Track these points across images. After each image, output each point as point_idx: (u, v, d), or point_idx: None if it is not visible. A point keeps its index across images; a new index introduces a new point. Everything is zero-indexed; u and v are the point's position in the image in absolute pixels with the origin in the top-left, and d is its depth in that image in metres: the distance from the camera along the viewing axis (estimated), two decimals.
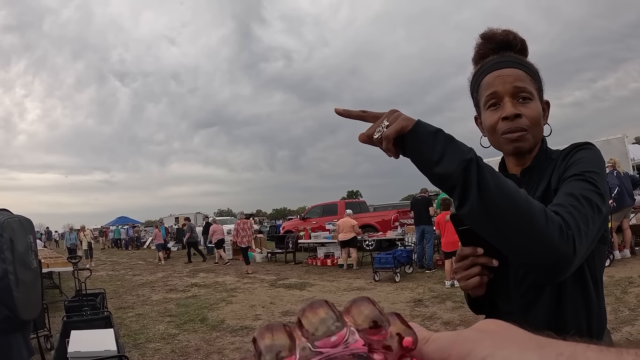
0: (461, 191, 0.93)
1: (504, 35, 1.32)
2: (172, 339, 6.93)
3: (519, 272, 1.20)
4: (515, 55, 1.30)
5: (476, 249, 1.15)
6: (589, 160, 1.15)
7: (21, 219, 3.09)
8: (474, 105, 1.39)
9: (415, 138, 0.96)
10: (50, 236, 48.15)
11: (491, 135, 1.30)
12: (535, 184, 1.26)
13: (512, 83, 1.22)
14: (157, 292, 11.86)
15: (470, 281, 1.17)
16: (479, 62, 1.36)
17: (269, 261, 18.01)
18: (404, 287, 9.89)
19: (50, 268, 10.99)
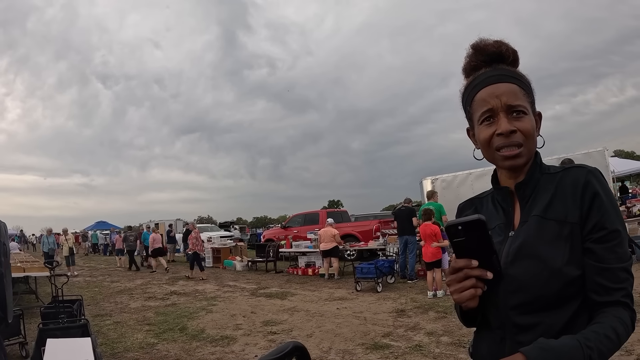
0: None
1: (496, 46, 1.31)
2: (151, 349, 6.80)
3: (510, 286, 1.20)
4: (508, 69, 1.30)
5: (470, 262, 1.14)
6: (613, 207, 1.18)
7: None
8: (467, 118, 1.39)
9: None
10: (25, 239, 47.57)
11: (485, 149, 1.30)
12: (530, 198, 1.27)
13: (506, 99, 1.23)
14: (135, 300, 11.69)
15: (463, 294, 1.16)
16: (470, 73, 1.36)
17: (250, 270, 17.86)
18: (386, 297, 9.86)
19: (27, 273, 10.77)
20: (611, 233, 1.14)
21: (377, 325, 7.41)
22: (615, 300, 1.12)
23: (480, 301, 1.22)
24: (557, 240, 1.18)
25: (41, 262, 12.66)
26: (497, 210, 1.37)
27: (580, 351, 0.99)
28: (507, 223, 1.31)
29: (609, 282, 1.13)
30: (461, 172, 16.25)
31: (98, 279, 16.99)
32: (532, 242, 1.21)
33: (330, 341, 6.59)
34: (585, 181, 1.19)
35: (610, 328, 1.06)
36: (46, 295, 11.44)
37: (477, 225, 1.12)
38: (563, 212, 1.19)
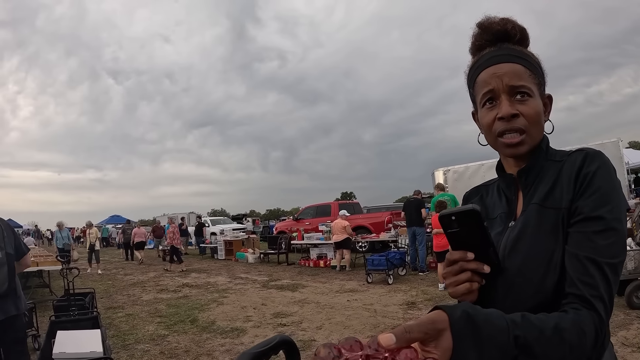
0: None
1: (501, 24, 1.22)
2: (162, 340, 6.85)
3: (507, 280, 1.13)
4: (513, 47, 1.21)
5: (466, 254, 1.07)
6: (607, 191, 1.05)
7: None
8: (471, 101, 1.31)
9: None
10: (40, 234, 48.09)
11: (487, 134, 1.22)
12: (532, 186, 1.19)
13: (508, 80, 1.15)
14: (148, 292, 11.79)
15: (458, 288, 1.08)
16: (475, 53, 1.28)
17: (262, 262, 17.94)
18: (396, 290, 9.85)
19: (40, 267, 10.90)
20: (592, 219, 1.03)
21: (387, 317, 7.41)
22: (580, 294, 0.98)
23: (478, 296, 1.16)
24: (554, 231, 1.08)
25: (54, 256, 12.79)
26: (501, 198, 1.30)
27: (504, 335, 0.84)
28: (510, 212, 1.24)
29: (575, 273, 1.01)
30: (473, 163, 16.15)
31: (112, 272, 17.13)
32: (529, 232, 1.13)
33: (340, 333, 6.59)
34: (581, 163, 1.10)
35: (554, 327, 0.91)
36: (60, 289, 11.54)
37: (471, 216, 1.04)
38: (559, 200, 1.10)
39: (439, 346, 0.78)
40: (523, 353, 0.85)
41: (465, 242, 1.07)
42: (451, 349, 0.79)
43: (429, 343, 0.79)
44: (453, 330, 0.80)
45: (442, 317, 0.81)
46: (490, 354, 0.82)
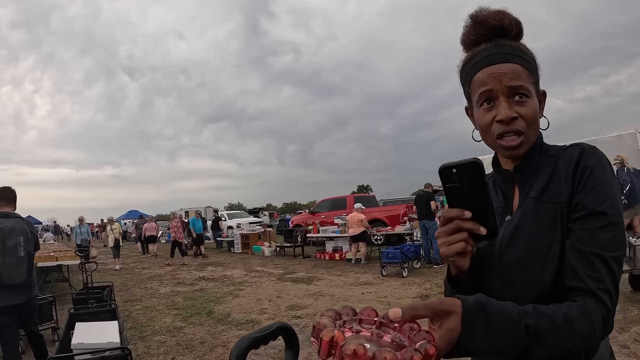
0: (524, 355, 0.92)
1: (497, 19, 1.19)
2: (178, 332, 6.97)
3: (505, 273, 1.16)
4: (510, 45, 1.18)
5: (463, 212, 1.02)
6: (606, 187, 1.07)
7: (14, 226, 4.76)
8: (465, 97, 1.29)
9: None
10: (59, 230, 48.64)
11: (485, 134, 1.21)
12: (529, 181, 1.20)
13: (508, 82, 1.13)
14: (165, 286, 11.94)
15: (452, 247, 1.04)
16: (469, 47, 1.25)
17: (278, 255, 18.07)
18: (411, 282, 9.88)
19: (60, 261, 11.07)
20: (594, 214, 1.04)
21: None
22: (588, 288, 1.00)
23: (474, 285, 1.19)
24: (552, 224, 1.09)
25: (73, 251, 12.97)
26: (497, 193, 1.30)
27: (515, 324, 0.88)
28: (506, 207, 1.25)
29: (582, 268, 1.02)
30: (487, 155, 16.05)
31: (129, 266, 17.32)
32: (526, 226, 1.14)
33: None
34: (578, 158, 1.11)
35: (565, 316, 0.94)
36: (79, 282, 11.72)
37: (473, 170, 0.99)
38: (557, 193, 1.11)
39: (443, 326, 0.83)
40: (535, 340, 0.89)
41: (463, 199, 1.01)
42: (456, 330, 0.83)
43: (436, 322, 0.84)
44: (465, 315, 0.84)
45: (454, 302, 0.85)
46: (502, 341, 0.87)
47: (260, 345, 0.99)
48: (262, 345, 1.01)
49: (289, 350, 1.10)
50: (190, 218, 21.95)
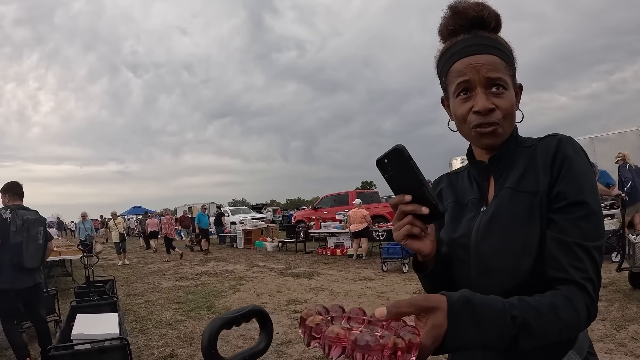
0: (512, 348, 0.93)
1: (477, 10, 1.18)
2: (178, 325, 7.06)
3: (481, 264, 1.16)
4: (488, 36, 1.18)
5: (403, 197, 1.04)
6: (584, 176, 1.09)
7: (36, 216, 5.35)
8: (442, 88, 1.29)
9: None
10: (62, 226, 48.84)
11: (460, 125, 1.20)
12: (504, 171, 1.20)
13: (485, 73, 1.13)
14: (167, 280, 12.05)
15: (400, 231, 1.06)
16: (447, 38, 1.24)
17: (280, 251, 18.17)
18: (411, 278, 9.92)
19: (63, 256, 11.20)
20: (576, 204, 1.06)
21: None
22: (571, 278, 1.02)
23: (451, 279, 1.22)
24: (529, 214, 1.10)
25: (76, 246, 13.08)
26: (472, 185, 1.30)
27: (501, 317, 0.89)
28: (481, 198, 1.25)
29: (565, 258, 1.04)
30: None
31: (133, 261, 17.40)
32: (502, 215, 1.14)
33: None
34: (556, 148, 1.11)
35: (549, 305, 0.96)
36: (81, 277, 11.82)
37: (399, 156, 1.02)
38: (535, 183, 1.11)
39: (428, 322, 0.83)
40: (522, 332, 0.90)
41: (401, 186, 1.04)
42: (442, 326, 0.84)
43: (422, 319, 0.84)
44: (450, 310, 0.85)
45: (439, 297, 0.86)
46: (489, 334, 0.87)
47: (232, 325, 1.06)
48: (235, 326, 1.08)
49: (263, 332, 1.17)
50: (197, 213, 21.71)
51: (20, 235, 5.04)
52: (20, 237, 5.04)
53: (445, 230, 1.28)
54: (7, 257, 4.98)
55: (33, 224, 5.20)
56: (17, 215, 5.10)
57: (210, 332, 0.99)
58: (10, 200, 5.33)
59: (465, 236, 1.20)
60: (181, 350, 5.79)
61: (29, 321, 5.80)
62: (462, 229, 1.23)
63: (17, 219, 5.08)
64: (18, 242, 5.02)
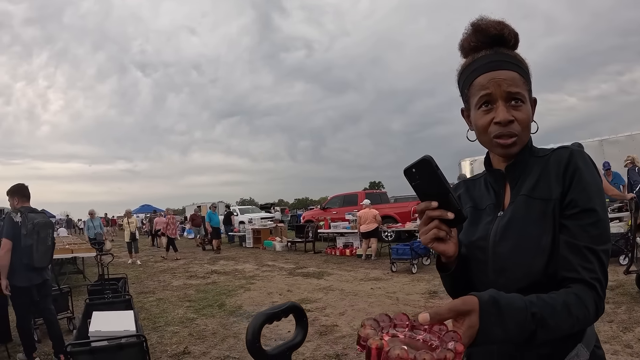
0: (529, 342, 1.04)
1: (498, 29, 1.28)
2: (190, 323, 7.13)
3: (498, 264, 1.26)
4: (508, 53, 1.27)
5: (430, 203, 1.13)
6: (594, 186, 1.19)
7: (46, 220, 5.66)
8: (462, 100, 1.39)
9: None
10: (71, 224, 49.12)
11: (481, 135, 1.30)
12: (519, 179, 1.30)
13: (507, 87, 1.22)
14: (177, 278, 12.13)
15: (427, 235, 1.15)
16: (469, 53, 1.34)
17: (289, 250, 18.24)
18: (420, 279, 9.98)
19: (75, 254, 11.28)
20: (586, 211, 1.15)
21: (409, 305, 7.55)
22: (581, 278, 1.12)
23: (468, 279, 1.32)
24: (542, 218, 1.20)
25: (88, 244, 13.19)
26: (489, 191, 1.39)
27: (523, 313, 0.99)
28: (498, 203, 1.34)
29: (576, 260, 1.14)
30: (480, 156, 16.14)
31: (142, 259, 17.46)
32: (518, 220, 1.23)
33: (361, 319, 6.75)
34: (568, 160, 1.21)
35: (563, 303, 1.06)
36: (93, 275, 11.93)
37: (426, 166, 1.10)
38: (548, 191, 1.21)
39: (465, 324, 0.92)
40: (540, 326, 1.01)
41: (428, 192, 1.13)
42: (476, 326, 0.93)
43: (458, 320, 0.94)
44: (481, 311, 0.94)
45: (472, 300, 0.95)
46: (512, 329, 0.98)
47: (273, 321, 1.13)
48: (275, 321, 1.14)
49: (299, 327, 1.24)
50: (207, 212, 21.53)
51: (31, 238, 5.30)
52: (31, 239, 5.30)
53: (464, 233, 1.35)
54: (18, 257, 5.24)
55: (43, 227, 5.47)
56: (27, 219, 5.35)
57: (254, 326, 1.05)
58: (19, 203, 5.57)
59: (483, 239, 1.30)
60: (194, 348, 5.85)
61: (41, 318, 5.97)
62: (480, 232, 1.32)
63: (28, 222, 5.34)
64: (29, 244, 5.28)
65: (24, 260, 5.25)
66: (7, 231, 5.24)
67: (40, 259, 5.41)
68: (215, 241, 19.71)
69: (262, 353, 1.10)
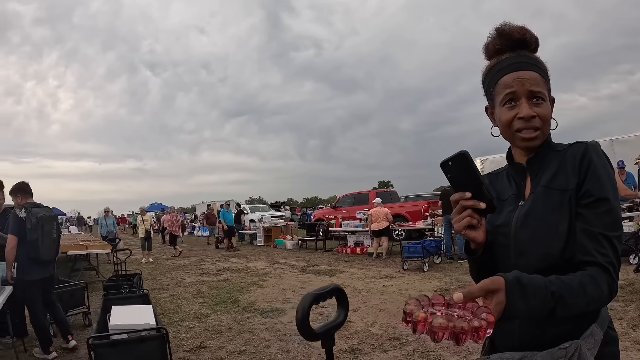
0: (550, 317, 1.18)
1: (521, 33, 1.41)
2: (205, 319, 7.20)
3: (519, 249, 1.37)
4: (530, 56, 1.41)
5: (464, 194, 1.27)
6: (607, 178, 1.30)
7: (50, 213, 5.87)
8: (487, 98, 1.51)
9: None
10: (82, 221, 49.44)
11: (505, 129, 1.42)
12: (539, 172, 1.42)
13: (529, 86, 1.34)
14: (190, 275, 12.22)
15: (460, 223, 1.29)
16: (493, 55, 1.46)
17: (300, 248, 18.32)
18: (431, 277, 10.01)
19: (89, 250, 11.40)
20: (600, 200, 1.27)
21: None
22: (596, 261, 1.23)
23: (492, 262, 1.43)
24: (559, 207, 1.32)
25: (102, 241, 13.31)
26: (511, 183, 1.52)
27: (543, 291, 1.13)
28: (519, 194, 1.46)
29: (591, 245, 1.25)
30: (493, 155, 16.17)
31: (154, 256, 17.54)
32: (537, 209, 1.36)
33: (375, 316, 6.81)
34: (583, 153, 1.33)
35: (579, 283, 1.19)
36: (105, 272, 12.05)
37: (463, 159, 1.24)
38: (565, 182, 1.33)
39: (493, 301, 1.07)
40: (558, 303, 1.14)
41: (462, 184, 1.27)
42: (503, 302, 1.07)
43: (488, 298, 1.08)
44: (507, 288, 1.09)
45: (499, 279, 1.10)
46: (534, 304, 1.11)
47: (320, 301, 1.21)
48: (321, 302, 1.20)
49: (341, 307, 1.31)
50: (220, 210, 20.79)
51: (36, 232, 5.50)
52: (36, 233, 5.50)
53: (488, 221, 1.45)
54: (25, 252, 5.46)
55: (47, 220, 5.68)
56: (31, 214, 5.54)
57: (303, 306, 1.12)
58: (22, 199, 5.82)
59: (506, 225, 1.42)
60: (210, 342, 5.92)
61: None
62: (502, 219, 1.44)
63: (32, 217, 5.52)
64: (34, 238, 5.48)
65: (30, 254, 5.47)
66: (12, 227, 5.44)
67: (46, 252, 5.63)
68: (230, 239, 19.59)
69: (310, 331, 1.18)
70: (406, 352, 5.15)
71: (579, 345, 1.25)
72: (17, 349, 5.40)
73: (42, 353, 5.55)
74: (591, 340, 1.27)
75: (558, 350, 1.26)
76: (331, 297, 1.26)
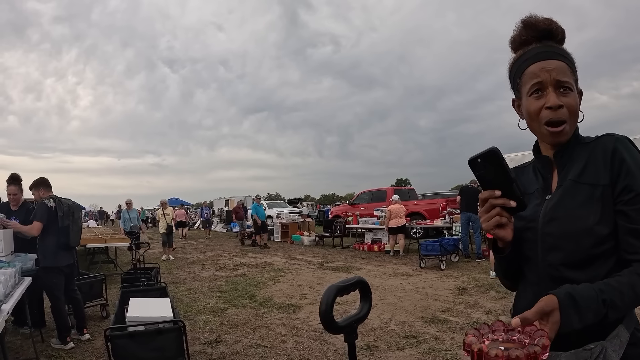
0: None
1: (547, 24, 1.38)
2: (222, 313, 7.21)
3: (547, 243, 1.33)
4: (557, 46, 1.38)
5: (494, 192, 1.23)
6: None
7: (75, 203, 6.22)
8: (513, 90, 1.48)
9: None
10: (103, 215, 49.90)
11: (532, 121, 1.38)
12: (566, 165, 1.38)
13: (556, 75, 1.31)
14: (207, 270, 12.27)
15: (490, 222, 1.26)
16: (519, 47, 1.43)
17: (317, 245, 18.32)
18: (449, 275, 9.95)
19: (108, 243, 11.50)
20: (639, 195, 1.23)
21: (438, 300, 7.54)
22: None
23: (518, 259, 1.40)
24: (589, 202, 1.28)
25: (120, 234, 13.41)
26: (537, 176, 1.48)
27: (595, 302, 1.13)
28: (545, 188, 1.43)
29: (637, 241, 1.22)
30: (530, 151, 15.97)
31: None
32: (566, 203, 1.32)
33: (392, 313, 6.78)
34: (614, 147, 1.29)
35: (629, 285, 1.18)
36: (123, 265, 12.13)
37: (493, 156, 1.19)
38: (595, 176, 1.29)
39: (550, 321, 1.09)
40: (610, 309, 1.15)
41: (492, 181, 1.23)
42: (558, 322, 1.09)
43: (544, 318, 1.09)
44: (561, 307, 1.10)
45: (552, 299, 1.11)
46: (588, 317, 1.12)
47: (343, 293, 1.18)
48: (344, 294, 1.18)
49: (364, 301, 1.28)
50: (252, 205, 19.46)
51: (67, 219, 5.85)
52: (68, 220, 5.85)
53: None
54: (53, 239, 5.72)
55: (76, 209, 6.15)
56: (61, 203, 5.89)
57: (327, 298, 1.10)
58: (44, 193, 6.03)
59: (533, 220, 1.38)
60: (226, 336, 5.92)
61: None
62: (529, 214, 1.38)
63: (63, 205, 5.87)
64: (66, 224, 5.82)
65: (61, 239, 5.75)
66: (41, 215, 5.66)
67: (75, 238, 6.01)
68: (262, 235, 18.21)
69: (334, 323, 1.15)
70: (422, 350, 5.11)
71: (605, 347, 1.21)
72: (34, 340, 5.43)
73: (59, 343, 5.61)
74: (617, 341, 1.23)
75: (583, 351, 1.23)
76: (355, 289, 1.23)
